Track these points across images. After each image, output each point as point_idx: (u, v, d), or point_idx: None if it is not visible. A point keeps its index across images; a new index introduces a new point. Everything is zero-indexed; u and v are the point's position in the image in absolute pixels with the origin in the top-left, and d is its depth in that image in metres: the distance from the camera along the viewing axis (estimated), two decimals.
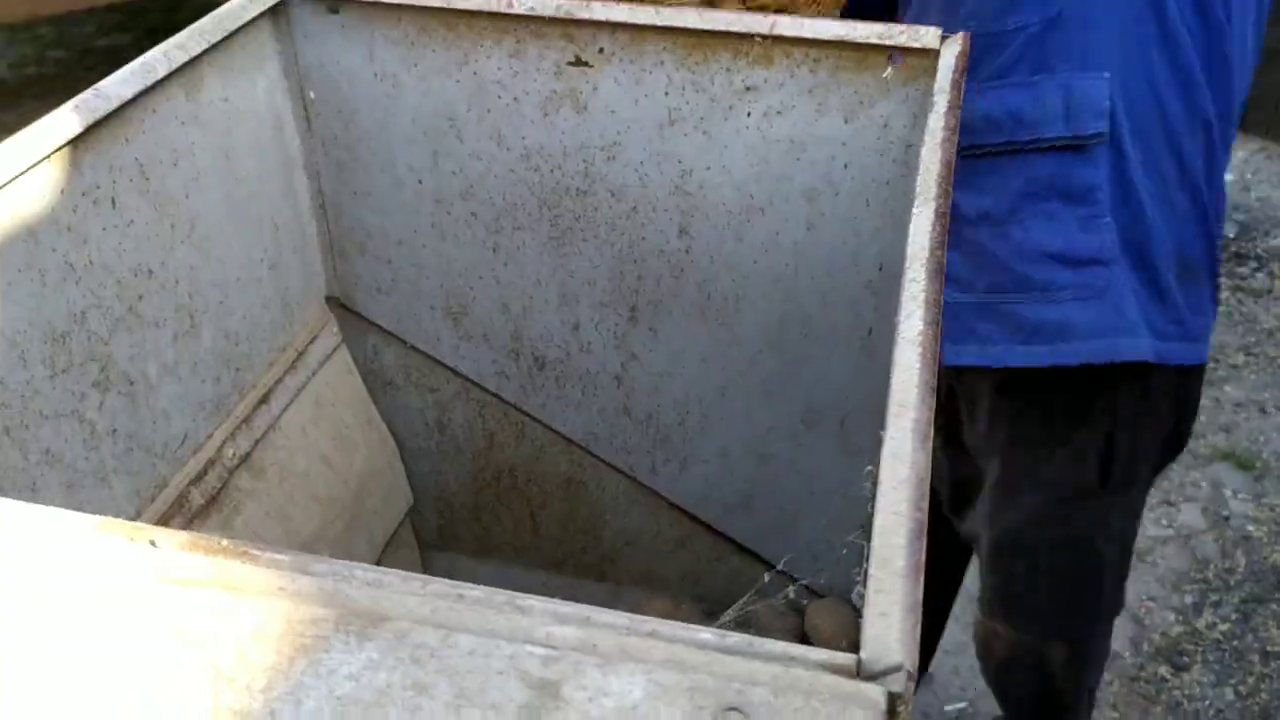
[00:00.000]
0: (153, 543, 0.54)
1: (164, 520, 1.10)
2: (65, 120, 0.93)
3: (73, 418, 0.98)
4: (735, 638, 0.49)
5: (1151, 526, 2.53)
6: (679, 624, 0.50)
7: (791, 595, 0.84)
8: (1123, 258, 1.37)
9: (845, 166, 1.16)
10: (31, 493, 0.94)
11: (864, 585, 0.53)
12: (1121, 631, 2.31)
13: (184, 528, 1.13)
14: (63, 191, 0.94)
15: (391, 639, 0.49)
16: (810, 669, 0.48)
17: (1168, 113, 1.35)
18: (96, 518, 0.55)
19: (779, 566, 0.90)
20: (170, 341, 1.10)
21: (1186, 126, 1.36)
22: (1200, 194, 1.39)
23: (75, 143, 0.94)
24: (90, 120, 0.95)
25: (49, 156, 0.91)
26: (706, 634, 0.49)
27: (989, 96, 1.35)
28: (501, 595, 0.51)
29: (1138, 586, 2.39)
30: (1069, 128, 1.32)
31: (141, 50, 1.03)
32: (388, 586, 0.52)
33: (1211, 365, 2.95)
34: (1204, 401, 2.84)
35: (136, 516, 1.07)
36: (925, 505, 0.56)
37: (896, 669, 0.48)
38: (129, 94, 0.98)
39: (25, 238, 0.91)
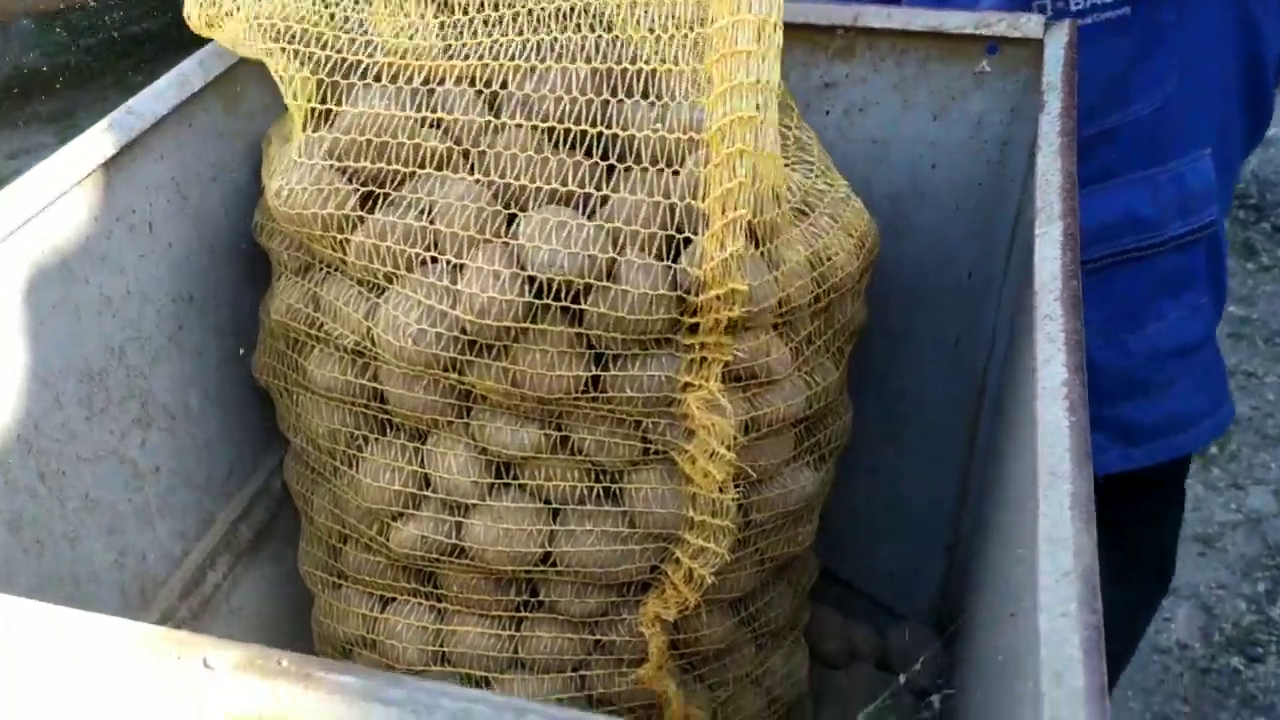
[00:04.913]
0: (205, 662, 0.46)
1: (211, 558, 1.04)
2: (97, 142, 0.85)
3: (113, 458, 0.92)
4: None
5: (1220, 511, 2.41)
6: None
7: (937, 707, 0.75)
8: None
9: (933, 168, 1.07)
10: (71, 544, 0.87)
11: (1034, 708, 0.45)
12: (1191, 621, 2.20)
13: (232, 565, 1.06)
14: (96, 218, 0.87)
15: None
16: None
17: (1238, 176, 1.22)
18: (141, 626, 0.48)
19: (910, 673, 0.81)
20: (213, 369, 1.03)
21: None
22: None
23: (108, 165, 0.87)
24: (124, 140, 0.87)
25: (80, 182, 0.84)
26: None
27: (1100, 200, 1.15)
28: None
29: (1207, 574, 2.27)
30: (1185, 223, 1.17)
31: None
32: (479, 718, 0.44)
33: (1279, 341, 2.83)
34: (1272, 379, 2.72)
35: (183, 557, 1.01)
36: (1100, 606, 0.48)
37: None
38: (164, 110, 0.91)
39: (58, 271, 0.84)
